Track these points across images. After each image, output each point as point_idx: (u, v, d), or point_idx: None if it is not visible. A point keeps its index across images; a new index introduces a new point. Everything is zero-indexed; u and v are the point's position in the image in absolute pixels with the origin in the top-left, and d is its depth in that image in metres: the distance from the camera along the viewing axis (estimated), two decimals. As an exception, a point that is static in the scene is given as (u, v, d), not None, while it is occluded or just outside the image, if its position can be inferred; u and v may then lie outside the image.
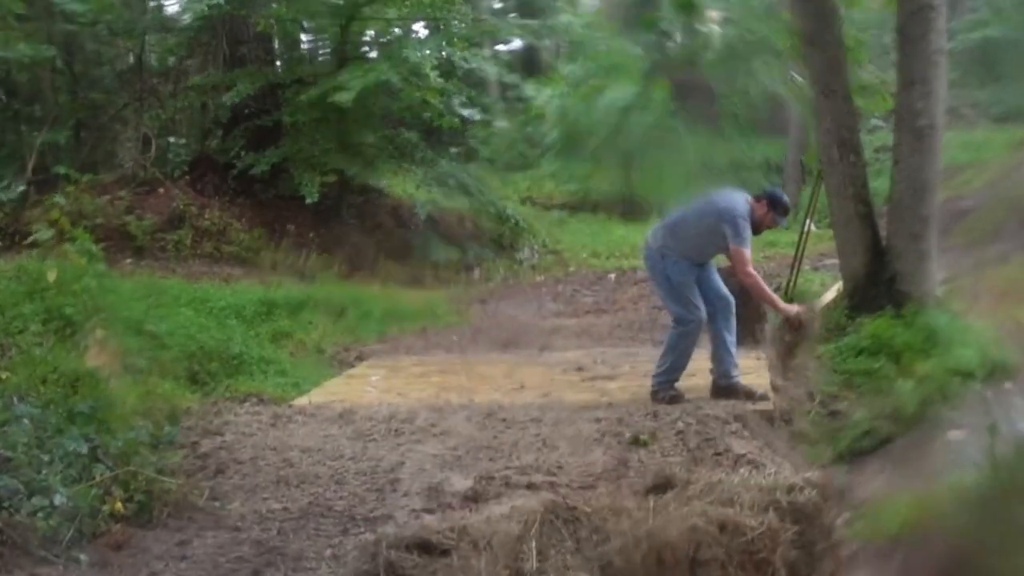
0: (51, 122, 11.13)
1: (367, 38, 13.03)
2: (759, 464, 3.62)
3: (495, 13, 17.39)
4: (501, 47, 19.84)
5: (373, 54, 12.48)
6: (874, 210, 6.59)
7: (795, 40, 6.99)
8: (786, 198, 5.19)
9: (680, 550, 2.63)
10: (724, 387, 5.08)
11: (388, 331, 7.93)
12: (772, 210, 5.05)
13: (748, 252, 4.90)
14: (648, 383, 5.23)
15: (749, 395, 5.01)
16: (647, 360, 5.36)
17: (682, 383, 5.25)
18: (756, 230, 5.05)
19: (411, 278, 10.62)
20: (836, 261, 7.27)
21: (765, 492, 2.90)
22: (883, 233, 6.54)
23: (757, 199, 5.11)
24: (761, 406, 4.88)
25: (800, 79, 8.52)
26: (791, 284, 7.50)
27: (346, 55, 11.53)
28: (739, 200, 5.08)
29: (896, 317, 5.85)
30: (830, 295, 7.16)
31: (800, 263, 7.61)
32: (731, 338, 5.10)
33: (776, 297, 5.16)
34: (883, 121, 11.19)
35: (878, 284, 6.29)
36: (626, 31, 16.45)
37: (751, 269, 4.94)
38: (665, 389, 5.12)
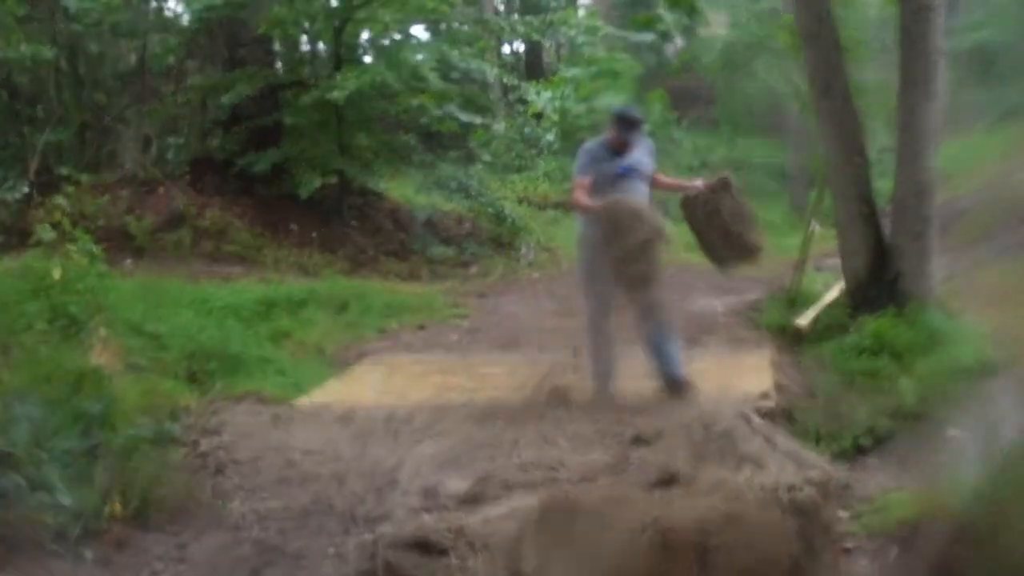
0: (54, 123, 11.14)
1: (364, 40, 13.06)
2: (762, 462, 3.62)
3: (498, 14, 17.45)
4: (505, 48, 19.88)
5: (369, 58, 12.51)
6: (876, 210, 6.60)
7: (796, 41, 7.01)
8: (628, 111, 5.21)
9: (687, 536, 2.62)
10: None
11: (388, 326, 7.95)
12: (614, 127, 5.08)
13: (579, 180, 5.05)
14: (648, 382, 5.24)
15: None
16: (646, 359, 5.36)
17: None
18: (619, 151, 5.05)
19: (410, 274, 10.70)
20: (838, 261, 7.27)
21: (768, 489, 2.91)
22: (885, 232, 6.55)
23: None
24: (764, 405, 4.89)
25: (801, 78, 8.52)
26: (796, 284, 7.52)
27: (342, 58, 11.56)
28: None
29: (898, 316, 5.86)
30: (832, 294, 7.17)
31: (805, 263, 7.62)
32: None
33: (588, 201, 4.96)
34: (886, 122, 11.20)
35: (880, 284, 6.30)
36: (620, 32, 16.42)
37: (575, 194, 5.07)
38: (597, 390, 5.18)
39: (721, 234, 4.98)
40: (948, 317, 5.74)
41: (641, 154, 5.12)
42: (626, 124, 5.03)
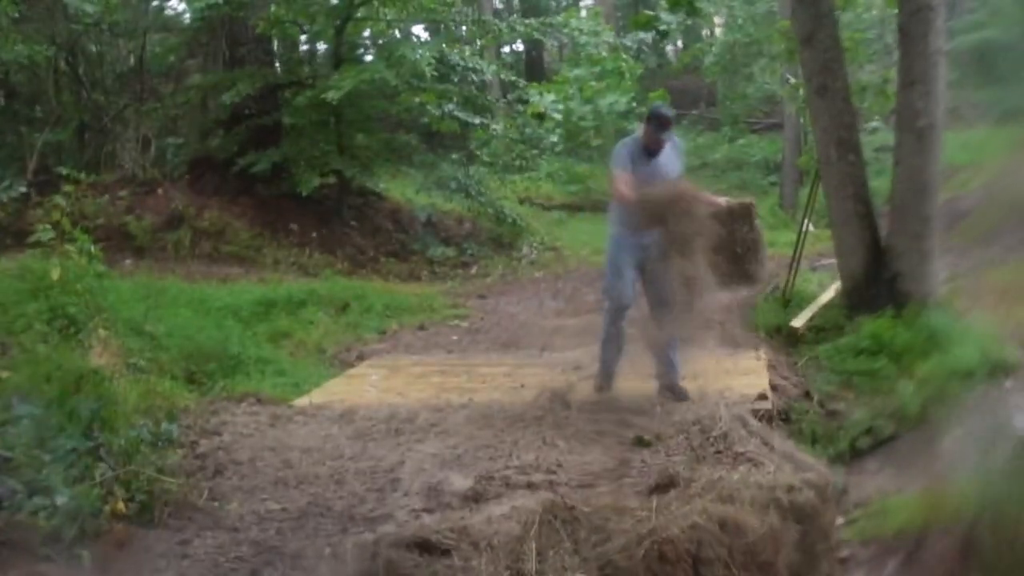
0: (53, 123, 11.14)
1: (364, 40, 13.05)
2: (760, 463, 3.62)
3: (497, 14, 17.45)
4: (505, 48, 19.87)
5: (369, 57, 12.51)
6: (873, 210, 6.59)
7: (792, 43, 7.01)
8: (662, 110, 5.22)
9: (682, 547, 2.62)
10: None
11: (388, 326, 7.95)
12: (648, 126, 5.10)
13: (617, 172, 5.03)
14: (650, 383, 5.24)
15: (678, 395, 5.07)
16: (648, 360, 5.35)
17: (684, 384, 5.24)
18: (651, 151, 5.07)
19: (410, 275, 10.70)
20: (834, 261, 7.27)
21: (766, 491, 2.90)
22: (882, 233, 6.54)
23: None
24: (760, 405, 4.89)
25: (795, 80, 8.52)
26: (789, 284, 7.51)
27: (342, 57, 11.55)
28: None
29: (896, 317, 5.84)
30: (828, 295, 7.16)
31: (798, 263, 7.61)
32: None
33: (631, 192, 4.94)
34: (883, 122, 11.20)
35: (878, 284, 6.29)
36: (623, 32, 16.38)
37: (617, 185, 5.03)
38: (599, 386, 5.20)
39: (728, 258, 5.02)
40: (951, 318, 5.72)
41: (671, 154, 5.17)
42: (660, 123, 5.06)
